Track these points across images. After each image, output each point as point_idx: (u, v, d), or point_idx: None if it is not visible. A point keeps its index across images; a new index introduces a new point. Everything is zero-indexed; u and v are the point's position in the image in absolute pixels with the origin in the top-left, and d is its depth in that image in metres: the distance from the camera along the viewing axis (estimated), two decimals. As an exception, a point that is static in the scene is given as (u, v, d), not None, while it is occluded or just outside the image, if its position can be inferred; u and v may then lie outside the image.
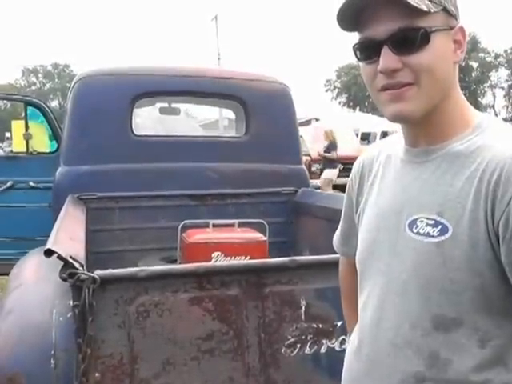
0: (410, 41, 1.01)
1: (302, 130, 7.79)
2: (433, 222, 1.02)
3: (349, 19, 1.05)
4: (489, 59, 50.21)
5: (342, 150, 13.28)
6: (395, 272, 1.09)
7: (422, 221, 1.04)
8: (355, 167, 1.31)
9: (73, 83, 3.66)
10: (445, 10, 1.03)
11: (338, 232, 1.42)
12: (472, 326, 1.00)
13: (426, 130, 1.09)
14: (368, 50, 1.06)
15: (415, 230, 1.05)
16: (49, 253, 1.60)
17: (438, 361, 1.02)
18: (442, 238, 1.00)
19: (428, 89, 1.02)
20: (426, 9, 0.99)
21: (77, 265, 1.64)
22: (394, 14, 1.01)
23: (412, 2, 0.98)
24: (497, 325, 0.99)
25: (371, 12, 1.02)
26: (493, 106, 51.88)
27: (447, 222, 1.00)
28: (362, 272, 1.21)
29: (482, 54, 48.63)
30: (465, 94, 1.11)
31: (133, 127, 3.65)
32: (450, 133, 1.07)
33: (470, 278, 0.98)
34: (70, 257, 1.64)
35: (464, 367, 1.01)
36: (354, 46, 1.09)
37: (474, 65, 48.67)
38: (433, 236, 1.02)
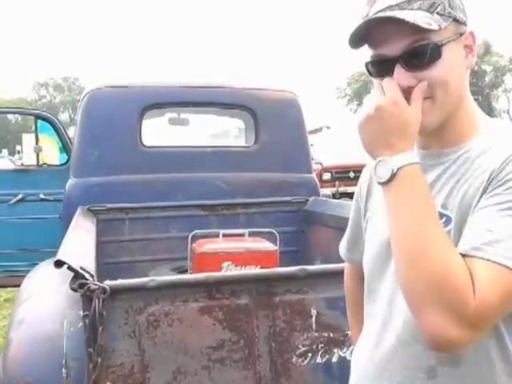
0: (422, 57, 1.02)
1: (312, 138, 7.75)
2: (437, 214, 1.02)
3: (360, 38, 1.06)
4: (503, 63, 49.39)
5: (354, 158, 13.22)
6: None
7: None
8: (363, 174, 1.32)
9: (82, 96, 3.69)
10: (454, 20, 1.04)
11: (344, 238, 1.43)
12: None
13: (438, 137, 1.10)
14: (381, 67, 1.07)
15: None
16: (59, 264, 1.61)
17: (450, 354, 1.02)
18: (447, 228, 1.01)
19: (442, 101, 1.04)
20: (437, 28, 1.00)
21: (87, 275, 1.65)
22: (404, 32, 1.01)
23: (423, 25, 0.99)
24: (504, 319, 0.99)
25: (382, 30, 1.03)
26: (507, 111, 51.02)
27: (450, 213, 1.03)
28: (369, 272, 1.21)
29: (495, 58, 47.90)
30: (478, 99, 1.11)
31: (142, 138, 3.68)
32: (462, 138, 1.08)
33: None
34: (80, 267, 1.65)
35: (476, 359, 1.01)
36: (366, 63, 1.09)
37: (488, 69, 47.91)
38: None
